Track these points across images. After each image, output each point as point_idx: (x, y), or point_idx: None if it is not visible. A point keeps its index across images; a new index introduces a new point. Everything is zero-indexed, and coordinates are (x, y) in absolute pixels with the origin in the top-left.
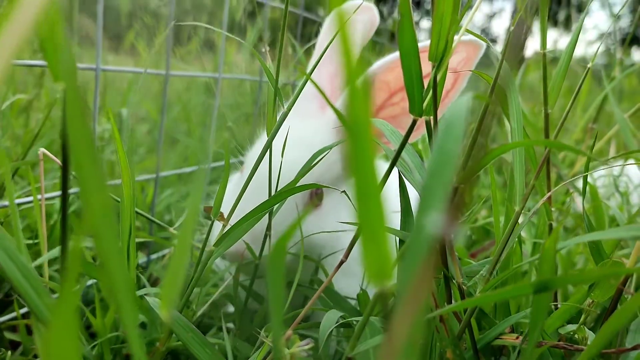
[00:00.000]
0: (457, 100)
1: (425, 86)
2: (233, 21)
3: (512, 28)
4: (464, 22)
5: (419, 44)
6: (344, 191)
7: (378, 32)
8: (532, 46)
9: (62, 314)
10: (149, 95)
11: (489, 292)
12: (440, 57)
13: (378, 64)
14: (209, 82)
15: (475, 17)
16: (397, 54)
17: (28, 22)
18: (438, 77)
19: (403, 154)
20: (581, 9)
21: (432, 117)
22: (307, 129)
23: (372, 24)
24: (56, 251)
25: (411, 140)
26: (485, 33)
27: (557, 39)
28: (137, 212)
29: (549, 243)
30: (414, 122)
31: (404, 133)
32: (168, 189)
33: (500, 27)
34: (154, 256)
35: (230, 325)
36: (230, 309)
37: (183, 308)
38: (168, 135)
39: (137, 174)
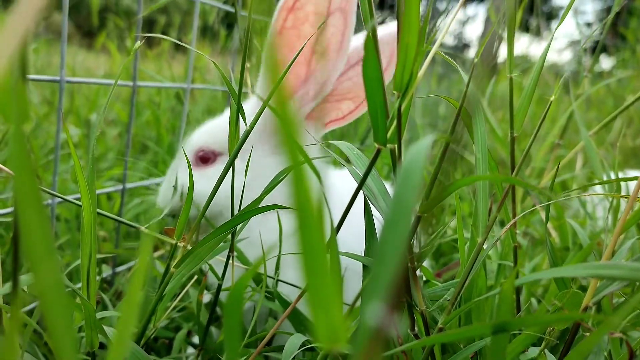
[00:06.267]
0: (416, 146)
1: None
2: (206, 24)
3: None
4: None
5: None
6: None
7: None
8: (503, 53)
9: None
10: (119, 97)
11: (451, 331)
12: (405, 88)
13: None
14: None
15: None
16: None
17: None
18: (402, 108)
19: (368, 180)
20: (550, 16)
21: (396, 146)
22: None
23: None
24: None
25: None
26: (458, 39)
27: (529, 44)
28: (102, 214)
29: (507, 285)
30: (378, 151)
31: None
32: (136, 197)
33: (474, 32)
34: (120, 268)
35: (195, 339)
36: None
37: (145, 327)
38: (138, 141)
39: (104, 182)
